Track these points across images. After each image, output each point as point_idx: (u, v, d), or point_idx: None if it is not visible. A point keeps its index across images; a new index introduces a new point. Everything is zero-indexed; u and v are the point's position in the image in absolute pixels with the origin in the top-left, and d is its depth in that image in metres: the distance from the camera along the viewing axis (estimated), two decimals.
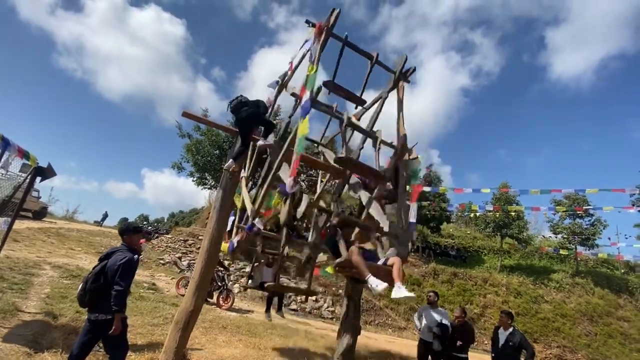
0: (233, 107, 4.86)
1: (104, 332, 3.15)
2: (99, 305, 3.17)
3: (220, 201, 5.16)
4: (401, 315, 14.02)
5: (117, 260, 3.22)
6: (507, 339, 5.17)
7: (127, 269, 3.22)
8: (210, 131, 18.52)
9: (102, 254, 3.51)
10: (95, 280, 3.19)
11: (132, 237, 3.55)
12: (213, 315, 8.13)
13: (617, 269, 19.17)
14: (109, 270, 3.21)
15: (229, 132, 5.48)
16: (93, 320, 3.16)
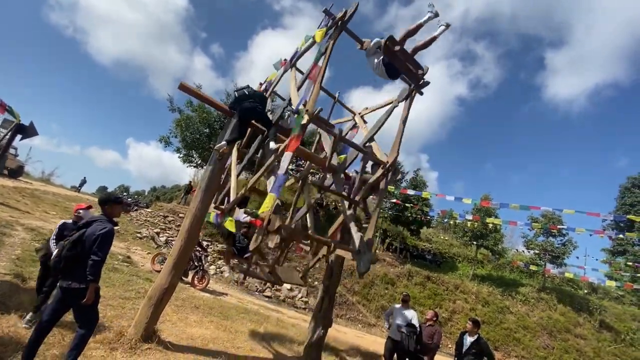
0: (239, 96, 4.85)
1: (75, 300, 3.10)
2: (73, 273, 3.11)
3: (206, 181, 5.10)
4: (372, 312, 14.31)
5: (96, 230, 3.17)
6: (472, 344, 5.39)
7: (105, 239, 3.17)
8: (202, 108, 18.16)
9: (81, 222, 3.44)
10: (72, 249, 3.12)
11: (113, 208, 3.48)
12: (186, 294, 8.09)
13: (581, 288, 20.07)
14: (87, 239, 3.15)
15: (225, 113, 5.39)
16: (65, 287, 3.10)
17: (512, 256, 22.54)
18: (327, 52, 4.78)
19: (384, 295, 15.15)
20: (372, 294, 15.09)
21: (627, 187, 23.72)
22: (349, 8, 4.81)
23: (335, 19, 4.85)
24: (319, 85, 4.59)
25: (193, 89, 5.19)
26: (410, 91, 5.36)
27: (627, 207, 22.82)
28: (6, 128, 5.76)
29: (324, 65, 4.71)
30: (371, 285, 15.42)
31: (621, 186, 24.20)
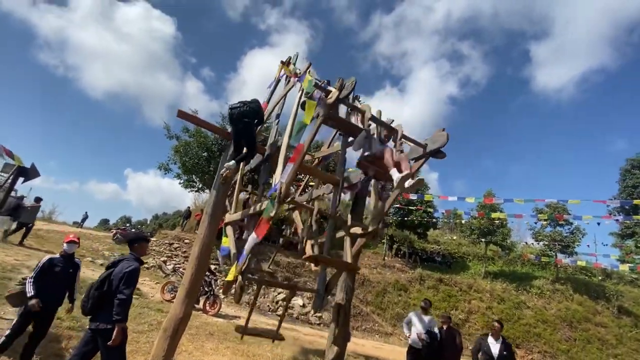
0: (235, 117, 4.83)
1: (103, 342, 3.07)
2: (100, 313, 3.11)
3: (212, 206, 5.10)
4: (388, 321, 14.08)
5: (123, 269, 3.19)
6: (502, 349, 5.05)
7: (131, 277, 3.19)
8: (199, 133, 18.27)
9: (109, 262, 3.51)
10: (99, 287, 3.15)
11: (142, 246, 3.58)
12: (199, 321, 7.97)
13: (595, 275, 19.83)
14: (114, 278, 3.17)
15: (224, 136, 5.43)
16: (94, 329, 3.09)
17: (522, 249, 22.35)
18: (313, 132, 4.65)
19: (397, 303, 14.94)
20: (386, 302, 14.88)
21: (627, 169, 23.73)
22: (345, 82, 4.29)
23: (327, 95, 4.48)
24: (296, 169, 4.32)
25: (191, 115, 5.24)
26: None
27: (629, 189, 22.78)
28: (7, 172, 5.78)
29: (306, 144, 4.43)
30: (384, 293, 15.22)
31: (621, 168, 24.22)
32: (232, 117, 4.87)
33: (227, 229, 6.17)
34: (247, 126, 4.88)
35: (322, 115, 4.33)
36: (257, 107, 5.05)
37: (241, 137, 4.96)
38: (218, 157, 17.93)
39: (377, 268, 16.71)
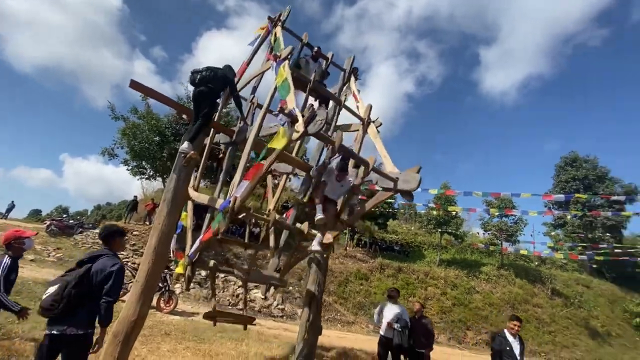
0: (197, 81, 4.25)
1: (68, 349, 2.59)
2: (71, 316, 2.59)
3: (172, 192, 4.46)
4: (350, 310, 14.20)
5: (106, 266, 2.71)
6: (521, 349, 4.50)
7: (119, 278, 2.75)
8: (150, 115, 16.72)
9: (83, 257, 2.90)
10: (77, 286, 2.60)
11: (121, 241, 3.12)
12: (153, 320, 7.23)
13: (532, 261, 21.91)
14: (94, 276, 2.68)
15: (185, 113, 4.79)
16: (57, 334, 2.54)
17: (472, 238, 23.94)
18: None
19: (359, 292, 15.13)
20: (348, 291, 15.00)
21: (561, 166, 26.43)
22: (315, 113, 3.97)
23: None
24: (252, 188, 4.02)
25: (146, 87, 4.51)
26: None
27: (562, 184, 25.41)
28: None
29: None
30: (346, 283, 15.32)
31: (556, 165, 26.93)
32: (193, 83, 4.27)
33: (188, 203, 5.61)
34: (210, 93, 4.32)
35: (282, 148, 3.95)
36: (226, 73, 4.49)
37: (200, 106, 4.40)
38: (172, 141, 16.58)
39: (339, 258, 16.75)
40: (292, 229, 5.48)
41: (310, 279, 6.30)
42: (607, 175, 24.83)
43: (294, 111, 3.94)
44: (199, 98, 4.39)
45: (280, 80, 4.51)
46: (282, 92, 4.37)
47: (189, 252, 4.86)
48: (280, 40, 4.83)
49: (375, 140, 5.74)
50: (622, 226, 23.41)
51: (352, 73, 6.05)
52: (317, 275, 6.19)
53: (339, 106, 5.88)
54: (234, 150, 5.48)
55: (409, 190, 4.82)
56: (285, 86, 4.38)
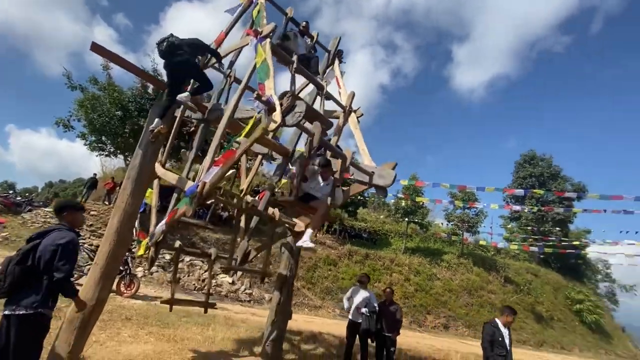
0: (165, 50, 3.90)
1: (16, 331, 2.41)
2: (20, 295, 2.43)
3: (137, 169, 4.14)
4: (317, 295, 14.39)
5: (54, 240, 2.48)
6: (510, 340, 4.51)
7: (68, 251, 2.51)
8: (112, 86, 15.47)
9: (33, 234, 2.64)
10: (21, 262, 2.41)
11: (74, 215, 2.83)
12: (113, 304, 6.85)
13: (489, 251, 23.37)
14: (42, 252, 2.45)
15: (154, 83, 4.42)
16: (8, 315, 2.39)
17: (435, 228, 25.02)
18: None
19: (327, 277, 15.35)
20: (316, 277, 15.16)
21: (521, 163, 28.15)
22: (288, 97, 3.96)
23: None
24: (222, 175, 3.87)
25: (110, 52, 4.08)
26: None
27: (520, 180, 27.12)
28: None
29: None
30: (315, 268, 15.47)
31: (516, 162, 28.65)
32: (163, 54, 3.93)
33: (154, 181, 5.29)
34: (187, 61, 4.00)
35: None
36: (194, 41, 4.18)
37: (179, 76, 4.08)
38: (136, 117, 15.53)
39: None
40: (263, 215, 5.32)
41: (282, 265, 6.23)
42: (559, 173, 26.81)
43: (271, 99, 3.70)
44: (177, 68, 4.05)
45: (259, 60, 4.23)
46: (261, 74, 4.08)
47: (152, 233, 4.58)
48: (263, 14, 4.53)
49: (355, 131, 5.66)
50: (569, 221, 25.55)
51: (337, 55, 5.86)
52: (290, 261, 6.14)
53: (320, 91, 5.69)
54: (206, 128, 5.17)
55: (383, 186, 4.83)
56: (265, 68, 4.10)
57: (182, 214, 3.96)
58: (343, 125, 5.87)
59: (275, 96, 3.76)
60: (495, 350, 4.36)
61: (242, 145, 3.99)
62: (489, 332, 4.47)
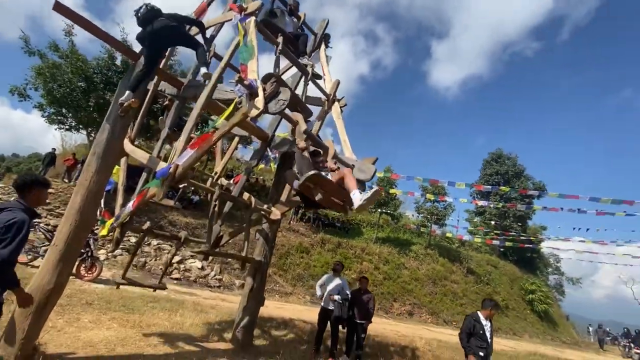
0: (144, 17, 3.59)
1: None
2: None
3: (104, 145, 3.84)
4: (289, 282, 14.44)
5: (1, 221, 2.23)
6: (491, 331, 4.64)
7: (11, 232, 2.22)
8: (75, 55, 14.26)
9: None
10: None
11: (37, 193, 2.55)
12: (72, 288, 6.46)
13: (454, 243, 24.48)
14: None
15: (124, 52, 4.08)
16: None
17: (405, 219, 25.77)
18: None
19: (299, 264, 15.41)
20: (288, 264, 15.17)
21: (488, 161, 29.45)
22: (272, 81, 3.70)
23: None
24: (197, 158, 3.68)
25: (76, 14, 3.68)
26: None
27: (487, 177, 28.43)
28: None
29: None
30: (287, 255, 15.46)
31: (484, 160, 29.93)
32: (142, 20, 3.63)
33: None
34: (170, 26, 3.73)
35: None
36: (175, 14, 3.91)
37: (159, 44, 3.79)
38: (102, 89, 14.50)
39: (282, 231, 16.74)
40: (238, 201, 5.18)
41: (256, 251, 6.13)
42: (523, 172, 28.37)
43: (254, 83, 3.50)
44: (158, 34, 3.73)
45: (242, 38, 3.98)
46: (244, 54, 3.85)
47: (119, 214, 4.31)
48: None
49: (337, 121, 5.57)
50: (528, 217, 27.24)
51: (324, 39, 5.68)
52: (264, 248, 6.05)
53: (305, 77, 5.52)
54: (180, 106, 4.88)
55: (362, 180, 4.82)
56: (248, 48, 3.87)
57: (152, 197, 3.75)
58: (326, 114, 5.77)
59: (258, 80, 3.57)
60: (475, 342, 4.46)
61: (220, 129, 3.80)
62: (468, 325, 4.57)
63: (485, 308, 4.69)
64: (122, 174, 4.80)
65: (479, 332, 4.48)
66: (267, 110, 3.53)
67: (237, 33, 4.10)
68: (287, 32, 4.91)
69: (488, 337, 4.50)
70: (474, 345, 4.47)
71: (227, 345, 5.42)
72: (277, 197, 5.85)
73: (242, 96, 3.62)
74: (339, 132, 5.37)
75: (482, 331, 4.48)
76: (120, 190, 4.70)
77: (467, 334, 4.54)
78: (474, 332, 4.50)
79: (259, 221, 5.89)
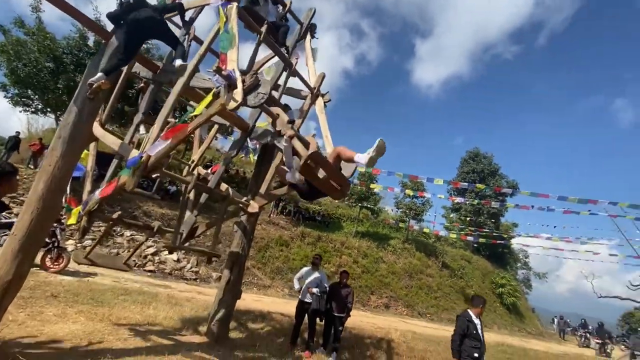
0: (130, 3, 3.40)
1: None
2: None
3: (70, 128, 3.61)
4: (267, 275, 14.35)
5: None
6: (482, 328, 4.45)
7: None
8: (43, 32, 13.38)
9: None
10: None
11: (11, 183, 2.43)
12: (36, 280, 6.14)
13: (430, 238, 25.14)
14: None
15: (98, 32, 3.83)
16: None
17: (384, 214, 26.16)
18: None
19: (279, 257, 15.34)
20: (267, 256, 15.07)
21: (466, 159, 30.30)
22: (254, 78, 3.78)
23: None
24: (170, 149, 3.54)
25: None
26: None
27: (464, 174, 29.27)
28: None
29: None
30: (266, 248, 15.35)
31: (462, 158, 30.78)
32: (129, 6, 3.44)
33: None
34: (158, 22, 3.56)
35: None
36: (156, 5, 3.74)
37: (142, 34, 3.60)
38: (72, 72, 13.68)
39: (262, 224, 16.58)
40: (214, 192, 5.02)
41: (234, 243, 6.01)
42: (497, 171, 29.39)
43: (233, 74, 3.35)
44: (142, 24, 3.56)
45: (222, 25, 3.81)
46: (224, 42, 3.68)
47: (85, 201, 4.09)
48: None
49: (320, 115, 5.48)
50: (501, 214, 28.33)
51: (310, 29, 5.54)
52: (242, 240, 5.94)
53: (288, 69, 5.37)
54: (156, 90, 4.66)
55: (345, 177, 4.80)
56: (229, 36, 3.70)
57: (122, 187, 3.56)
58: (309, 108, 5.64)
59: (237, 71, 3.43)
60: (469, 342, 4.24)
61: (196, 120, 3.65)
62: (461, 326, 4.32)
63: (477, 306, 4.48)
64: (91, 159, 4.55)
65: (473, 332, 4.27)
66: (245, 103, 3.41)
67: (218, 19, 3.93)
68: (268, 21, 4.76)
69: (481, 336, 4.32)
70: (468, 347, 4.23)
71: (201, 338, 5.31)
72: (257, 189, 5.73)
73: (220, 87, 3.47)
74: (321, 127, 5.29)
75: (476, 330, 4.29)
76: (89, 177, 4.45)
77: (461, 335, 4.30)
78: (468, 333, 4.27)
79: (236, 213, 5.75)
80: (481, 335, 4.33)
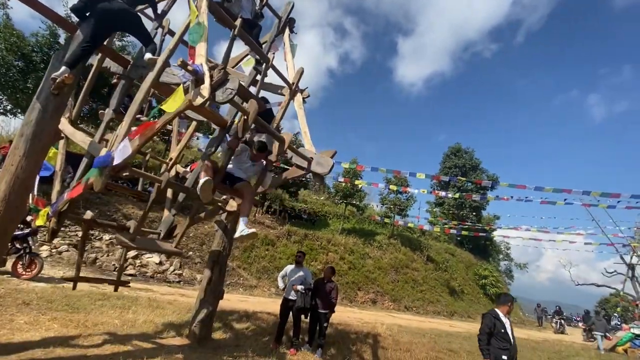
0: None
1: None
2: None
3: (34, 126, 3.44)
4: (253, 275, 14.22)
5: None
6: (512, 328, 4.14)
7: None
8: (9, 29, 12.75)
9: None
10: None
11: None
12: (6, 287, 5.87)
13: (415, 232, 25.53)
14: None
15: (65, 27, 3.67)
16: None
17: (370, 210, 26.37)
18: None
19: (265, 257, 15.22)
20: (253, 256, 14.93)
21: (448, 155, 30.93)
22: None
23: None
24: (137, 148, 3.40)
25: None
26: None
27: (446, 169, 29.86)
28: None
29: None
30: (252, 248, 15.19)
31: (444, 154, 31.39)
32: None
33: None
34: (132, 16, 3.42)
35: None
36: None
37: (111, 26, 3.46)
38: (42, 70, 13.09)
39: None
40: (191, 192, 4.87)
41: (215, 242, 5.90)
42: (479, 165, 30.13)
43: (200, 68, 3.24)
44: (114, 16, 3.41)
45: (193, 18, 3.71)
46: (194, 35, 3.57)
47: (54, 202, 3.92)
48: None
49: (298, 111, 5.43)
50: (483, 208, 29.06)
51: (288, 24, 5.47)
52: (223, 240, 5.84)
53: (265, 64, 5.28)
54: (127, 86, 4.49)
55: (320, 174, 4.79)
56: (199, 30, 3.60)
57: (90, 188, 3.41)
58: (287, 103, 5.58)
59: (205, 65, 3.32)
60: (497, 343, 3.97)
61: (164, 117, 3.54)
62: (488, 324, 4.04)
63: (504, 304, 4.21)
64: (60, 157, 4.36)
65: (500, 331, 3.98)
66: (214, 99, 3.32)
67: (189, 11, 3.82)
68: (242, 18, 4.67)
69: (510, 337, 4.01)
70: (495, 348, 3.95)
71: (183, 340, 5.19)
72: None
73: (188, 82, 3.37)
74: (299, 123, 5.25)
75: (504, 329, 3.99)
76: (57, 176, 4.26)
77: (488, 334, 4.01)
78: (495, 332, 3.99)
79: (214, 212, 5.64)
80: (511, 336, 4.02)
